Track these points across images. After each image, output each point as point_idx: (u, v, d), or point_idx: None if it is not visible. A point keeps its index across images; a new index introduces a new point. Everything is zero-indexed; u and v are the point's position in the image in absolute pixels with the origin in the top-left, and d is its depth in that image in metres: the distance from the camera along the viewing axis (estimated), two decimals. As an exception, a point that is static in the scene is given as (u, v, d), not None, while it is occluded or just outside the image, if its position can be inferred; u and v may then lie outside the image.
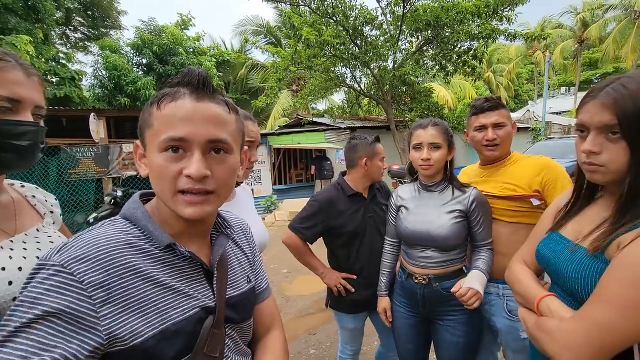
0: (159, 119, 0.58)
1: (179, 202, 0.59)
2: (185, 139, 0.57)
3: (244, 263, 0.80)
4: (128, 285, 0.56)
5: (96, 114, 6.60)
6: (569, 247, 0.80)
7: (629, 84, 0.69)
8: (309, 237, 1.70)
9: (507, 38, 8.27)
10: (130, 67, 10.11)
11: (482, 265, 1.37)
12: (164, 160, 0.58)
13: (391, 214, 1.60)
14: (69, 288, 0.51)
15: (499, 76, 26.07)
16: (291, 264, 4.94)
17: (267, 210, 8.68)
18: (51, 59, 9.05)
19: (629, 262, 0.64)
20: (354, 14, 8.17)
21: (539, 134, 12.69)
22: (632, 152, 0.69)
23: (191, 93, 0.59)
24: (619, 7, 20.86)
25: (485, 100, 1.42)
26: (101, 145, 6.72)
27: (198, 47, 12.06)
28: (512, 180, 1.39)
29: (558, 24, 24.79)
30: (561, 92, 28.69)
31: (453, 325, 1.41)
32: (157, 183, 0.60)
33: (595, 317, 0.66)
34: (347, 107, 11.41)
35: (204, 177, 0.58)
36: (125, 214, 0.64)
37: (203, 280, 0.67)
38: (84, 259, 0.53)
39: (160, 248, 0.61)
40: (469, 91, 19.03)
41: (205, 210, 0.60)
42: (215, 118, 0.60)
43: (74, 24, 12.88)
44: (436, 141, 1.39)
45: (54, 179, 6.43)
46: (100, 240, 0.57)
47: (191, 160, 0.57)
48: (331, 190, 1.74)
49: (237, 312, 0.72)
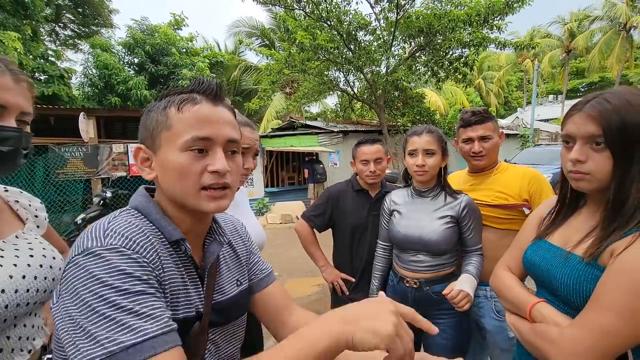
0: (180, 120, 0.62)
1: (203, 197, 0.62)
2: (209, 138, 0.62)
3: (235, 267, 0.81)
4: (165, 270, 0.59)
5: (85, 113, 6.50)
6: (560, 254, 0.82)
7: (611, 99, 0.74)
8: (317, 224, 1.82)
9: (497, 46, 8.45)
10: (122, 66, 9.97)
11: (472, 269, 1.41)
12: (188, 159, 0.61)
13: (384, 217, 1.63)
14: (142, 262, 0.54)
15: (489, 83, 26.55)
16: (283, 266, 4.93)
17: (259, 212, 8.64)
18: (39, 56, 8.87)
19: (626, 269, 0.67)
20: (347, 19, 8.24)
21: (527, 140, 12.96)
22: (616, 161, 0.73)
23: (207, 99, 0.64)
24: (605, 18, 21.52)
25: (472, 114, 1.49)
26: (90, 145, 6.61)
27: (191, 47, 11.97)
28: (503, 189, 1.46)
29: (546, 33, 25.42)
30: (549, 99, 29.37)
31: (443, 329, 1.43)
32: (179, 181, 0.62)
33: (598, 323, 0.68)
34: (340, 110, 11.46)
35: (227, 172, 0.63)
36: (137, 206, 0.65)
37: (198, 282, 0.68)
38: (138, 241, 0.56)
39: (166, 243, 0.63)
40: (460, 97, 19.32)
41: (224, 204, 0.64)
42: (230, 121, 0.66)
43: (64, 20, 12.67)
44: (430, 147, 1.43)
45: (40, 178, 6.30)
46: (139, 225, 0.60)
47: (215, 157, 0.62)
48: (342, 184, 1.89)
49: (221, 315, 0.73)
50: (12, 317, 0.74)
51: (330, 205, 1.80)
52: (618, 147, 0.72)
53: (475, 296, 1.46)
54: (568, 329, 0.73)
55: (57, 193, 6.38)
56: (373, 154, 1.71)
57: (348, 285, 1.77)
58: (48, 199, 6.24)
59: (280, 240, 6.12)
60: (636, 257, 0.66)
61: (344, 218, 1.78)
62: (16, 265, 0.77)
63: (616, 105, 0.72)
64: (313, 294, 3.83)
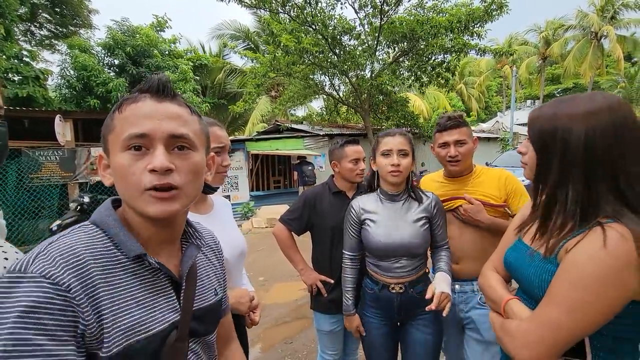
0: (119, 120, 0.59)
1: (145, 200, 0.57)
2: (146, 134, 0.57)
3: (212, 275, 0.79)
4: (102, 298, 0.54)
5: (62, 116, 6.27)
6: (527, 253, 0.86)
7: (547, 106, 0.83)
8: (295, 228, 1.81)
9: (478, 52, 8.73)
10: (101, 68, 9.67)
11: (444, 265, 1.47)
12: (126, 159, 0.57)
13: (352, 227, 1.54)
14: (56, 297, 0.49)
15: (470, 88, 27.28)
16: (267, 271, 4.88)
17: (244, 216, 8.53)
18: (13, 56, 8.51)
19: (571, 265, 0.70)
20: (332, 23, 8.31)
21: (507, 143, 13.35)
22: (537, 157, 0.82)
23: (152, 96, 0.60)
24: (578, 27, 22.52)
25: (448, 119, 1.53)
26: (67, 148, 6.38)
27: (174, 49, 11.77)
28: (484, 191, 1.53)
29: (524, 40, 26.39)
30: (527, 104, 30.38)
31: (424, 324, 1.47)
32: (122, 184, 0.59)
33: (546, 316, 0.72)
34: (326, 114, 11.52)
35: (168, 171, 0.57)
36: (96, 220, 0.61)
37: (171, 292, 0.65)
38: (63, 266, 0.51)
39: (129, 257, 0.59)
40: (442, 101, 19.77)
41: (171, 208, 0.59)
42: (176, 115, 0.61)
43: (40, 20, 12.23)
44: (404, 148, 1.44)
45: (12, 183, 6.02)
46: (75, 247, 0.54)
47: (154, 154, 0.57)
48: (319, 187, 1.89)
49: (202, 324, 0.71)
50: None
51: (307, 208, 1.80)
52: (536, 146, 0.82)
53: (462, 292, 1.54)
54: (522, 323, 0.78)
55: (31, 199, 6.11)
56: (361, 152, 1.76)
57: (327, 287, 1.77)
58: (21, 205, 5.98)
59: (265, 245, 6.05)
60: (581, 253, 0.69)
61: (323, 220, 1.77)
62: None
63: (541, 113, 0.82)
64: (299, 299, 3.79)
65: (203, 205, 1.26)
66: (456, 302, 1.55)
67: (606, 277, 0.65)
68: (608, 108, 0.73)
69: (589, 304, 0.67)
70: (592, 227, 0.70)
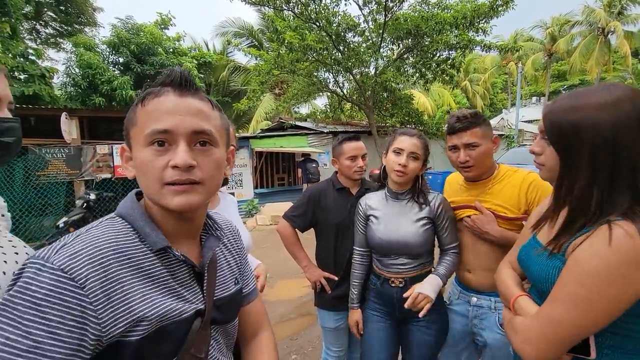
0: (142, 114, 0.59)
1: (166, 193, 0.58)
2: (169, 131, 0.58)
3: (232, 264, 0.81)
4: (127, 285, 0.56)
5: (68, 114, 6.31)
6: (538, 250, 0.85)
7: (559, 100, 0.79)
8: (299, 225, 1.80)
9: (483, 48, 8.64)
10: (106, 66, 9.72)
11: (441, 269, 1.43)
12: (149, 155, 0.58)
13: (360, 222, 1.57)
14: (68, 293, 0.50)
15: (475, 85, 27.05)
16: (272, 268, 4.89)
17: (249, 214, 8.56)
18: (19, 54, 8.57)
19: (575, 262, 0.70)
20: (336, 20, 8.27)
21: (512, 140, 13.26)
22: (559, 156, 0.77)
23: (174, 90, 0.60)
24: (584, 23, 22.21)
25: (457, 120, 1.36)
26: (73, 146, 6.43)
27: (178, 47, 11.78)
28: (501, 201, 1.36)
29: (529, 37, 26.07)
30: (532, 101, 30.09)
31: (426, 325, 1.45)
32: (144, 178, 0.59)
33: (548, 313, 0.72)
34: (330, 111, 11.49)
35: (190, 167, 0.58)
36: (122, 213, 0.63)
37: (194, 282, 0.67)
38: (84, 261, 0.52)
39: (153, 250, 0.60)
40: (447, 98, 19.63)
41: (191, 200, 0.60)
42: (198, 111, 0.61)
43: (45, 18, 12.29)
44: (417, 151, 1.42)
45: (20, 181, 6.08)
46: (100, 241, 0.56)
47: (176, 151, 0.58)
48: (322, 184, 1.88)
49: (223, 313, 0.72)
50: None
51: (311, 205, 1.79)
52: (558, 146, 0.77)
53: (477, 306, 1.43)
54: (527, 319, 0.78)
55: (37, 196, 6.17)
56: (360, 149, 1.74)
57: (331, 283, 1.76)
58: (28, 202, 6.04)
59: (269, 242, 6.06)
60: (586, 250, 0.68)
61: (327, 216, 1.76)
62: (6, 262, 0.77)
63: (559, 108, 0.76)
64: (304, 296, 3.80)
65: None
66: (469, 315, 1.44)
67: (609, 275, 0.64)
68: (629, 98, 0.69)
69: (591, 302, 0.66)
70: (600, 225, 0.69)
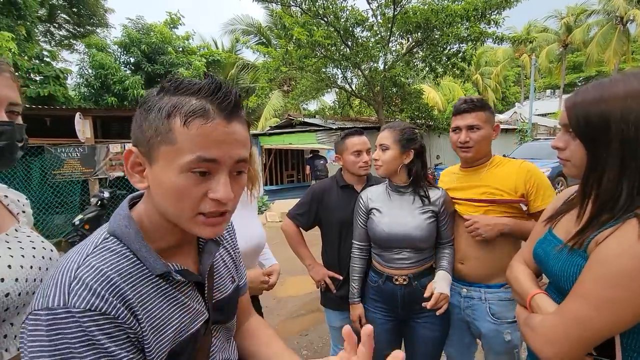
0: (185, 136, 0.52)
1: (199, 223, 0.56)
2: (217, 160, 0.54)
3: (229, 263, 0.80)
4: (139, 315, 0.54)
5: (82, 113, 6.45)
6: (556, 246, 0.82)
7: (582, 91, 0.75)
8: (303, 223, 1.78)
9: (495, 41, 8.44)
10: (118, 66, 9.89)
11: (446, 264, 1.44)
12: (188, 181, 0.53)
13: (360, 217, 1.56)
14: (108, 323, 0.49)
15: (486, 78, 26.53)
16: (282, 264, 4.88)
17: (258, 211, 8.61)
18: (34, 56, 8.79)
19: (601, 259, 0.66)
20: (344, 15, 8.20)
21: (525, 135, 12.97)
22: (587, 151, 0.73)
23: (221, 113, 0.54)
24: (601, 12, 21.50)
25: (464, 102, 1.41)
26: (87, 145, 6.56)
27: (187, 46, 11.90)
28: (496, 184, 1.38)
29: (543, 27, 25.39)
30: (546, 94, 29.40)
31: (431, 321, 1.44)
32: (174, 203, 0.55)
33: (573, 312, 0.69)
34: (338, 107, 11.45)
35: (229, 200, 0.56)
36: (116, 232, 0.58)
37: (196, 291, 0.66)
38: (104, 296, 0.50)
39: (149, 274, 0.58)
40: (457, 93, 19.30)
41: (220, 230, 0.59)
42: (243, 139, 0.57)
43: (59, 21, 12.56)
44: (384, 142, 1.45)
45: (37, 179, 6.25)
46: (108, 273, 0.53)
47: (219, 182, 0.54)
48: (326, 181, 1.84)
49: (223, 313, 0.72)
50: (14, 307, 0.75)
51: (315, 203, 1.76)
52: (585, 139, 0.73)
53: (468, 297, 1.46)
54: (547, 318, 0.75)
55: (54, 194, 6.34)
56: (364, 144, 1.70)
57: (336, 283, 1.73)
58: (45, 200, 6.21)
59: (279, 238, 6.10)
60: (613, 246, 0.65)
61: (331, 214, 1.73)
62: (23, 256, 0.80)
63: (585, 99, 0.73)
64: (314, 292, 3.82)
65: None
66: (462, 305, 1.47)
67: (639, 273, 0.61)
68: None
69: (620, 301, 0.63)
70: (627, 219, 0.65)
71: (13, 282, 0.74)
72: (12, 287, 0.73)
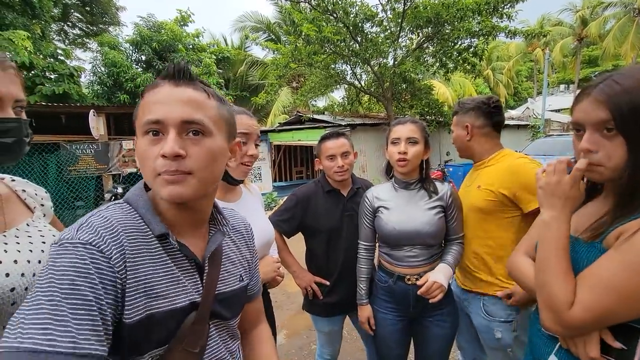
0: (141, 106, 0.62)
1: (158, 183, 0.60)
2: (160, 121, 0.59)
3: (239, 261, 0.80)
4: (129, 267, 0.58)
5: (95, 111, 6.58)
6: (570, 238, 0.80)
7: (620, 79, 0.69)
8: (285, 230, 1.67)
9: (507, 35, 8.26)
10: (129, 64, 10.05)
11: (450, 258, 1.41)
12: (144, 144, 0.60)
13: (366, 217, 1.52)
14: (100, 258, 0.54)
15: (498, 73, 26.04)
16: (291, 260, 4.94)
17: (267, 207, 8.69)
18: (49, 55, 8.98)
19: (635, 249, 0.64)
20: (354, 11, 8.14)
21: (537, 131, 12.72)
22: (630, 146, 0.68)
23: (169, 81, 0.62)
24: (618, 4, 20.83)
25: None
26: (101, 142, 6.70)
27: (197, 43, 11.99)
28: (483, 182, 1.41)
29: (557, 21, 24.74)
30: (560, 89, 28.72)
31: (443, 319, 1.44)
32: (142, 168, 0.62)
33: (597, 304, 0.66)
34: (347, 104, 11.39)
35: (178, 156, 0.59)
36: (128, 199, 0.66)
37: (194, 273, 0.67)
38: (106, 237, 0.56)
39: (151, 236, 0.62)
40: (468, 88, 19.01)
41: (181, 191, 0.60)
42: (190, 100, 0.61)
43: (72, 19, 12.79)
44: (413, 136, 1.40)
45: (53, 175, 6.42)
46: (113, 220, 0.59)
47: (167, 140, 0.59)
48: (310, 186, 1.73)
49: (225, 308, 0.72)
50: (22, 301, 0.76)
51: (300, 209, 1.65)
52: (631, 132, 0.67)
53: (467, 290, 1.50)
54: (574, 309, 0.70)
55: (69, 190, 6.50)
56: (339, 147, 1.58)
57: (323, 289, 1.67)
58: (61, 195, 6.37)
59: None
60: None
61: (317, 222, 1.64)
62: (31, 251, 0.80)
63: (626, 87, 0.67)
64: (323, 287, 3.84)
65: (231, 194, 1.28)
66: (460, 296, 1.55)
67: None
68: None
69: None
70: None
71: (19, 276, 0.74)
72: (18, 281, 0.73)
